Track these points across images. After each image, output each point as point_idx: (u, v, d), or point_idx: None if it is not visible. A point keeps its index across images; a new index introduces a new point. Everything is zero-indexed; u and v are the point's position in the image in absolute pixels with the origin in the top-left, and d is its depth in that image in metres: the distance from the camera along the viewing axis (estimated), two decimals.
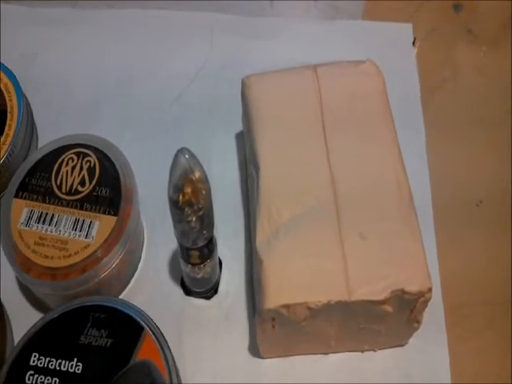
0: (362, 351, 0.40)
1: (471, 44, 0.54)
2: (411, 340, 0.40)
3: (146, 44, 0.53)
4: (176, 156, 0.32)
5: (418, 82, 0.51)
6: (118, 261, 0.40)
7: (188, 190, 0.32)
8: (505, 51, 0.54)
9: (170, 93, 0.51)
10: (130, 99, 0.50)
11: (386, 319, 0.36)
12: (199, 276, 0.39)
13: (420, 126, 0.49)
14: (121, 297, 0.42)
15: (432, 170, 0.47)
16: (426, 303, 0.35)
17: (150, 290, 0.43)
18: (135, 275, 0.43)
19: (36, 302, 0.42)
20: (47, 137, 0.44)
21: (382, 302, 0.34)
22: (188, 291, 0.42)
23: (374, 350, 0.40)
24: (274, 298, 0.34)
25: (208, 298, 0.42)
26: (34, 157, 0.42)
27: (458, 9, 0.56)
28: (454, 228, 0.45)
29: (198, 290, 0.42)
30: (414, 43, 0.53)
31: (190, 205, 0.33)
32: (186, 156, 0.32)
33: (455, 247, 0.44)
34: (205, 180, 0.33)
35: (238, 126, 0.47)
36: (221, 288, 0.43)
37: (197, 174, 0.32)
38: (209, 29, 0.54)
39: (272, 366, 0.40)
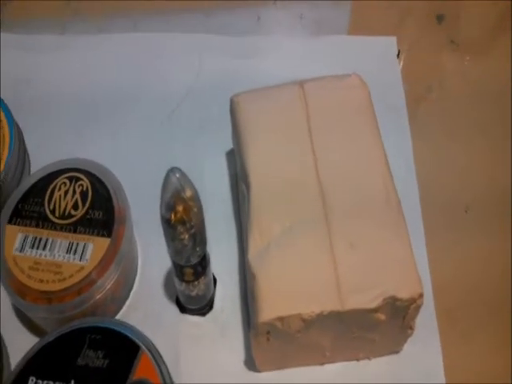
0: (358, 360, 0.40)
1: (455, 53, 0.55)
2: (405, 346, 0.40)
3: (136, 66, 0.54)
4: (167, 175, 0.32)
5: (403, 92, 0.52)
6: (112, 282, 0.40)
7: (180, 208, 0.33)
8: (488, 60, 0.55)
9: (161, 113, 0.51)
10: (121, 121, 0.51)
11: (380, 327, 0.36)
12: (194, 293, 0.40)
13: (407, 136, 0.49)
14: (117, 317, 0.43)
15: (420, 178, 0.47)
16: (417, 309, 0.35)
17: (146, 309, 0.43)
18: (130, 295, 0.44)
19: (32, 326, 0.42)
20: (40, 162, 0.45)
21: (375, 310, 0.34)
22: (183, 309, 0.43)
23: (369, 359, 0.40)
24: (268, 310, 0.35)
25: (203, 314, 0.42)
26: (27, 183, 0.43)
27: (441, 19, 0.57)
28: (444, 234, 0.45)
29: (193, 307, 0.42)
30: (398, 55, 0.54)
31: (183, 223, 0.33)
32: (177, 175, 0.32)
33: (446, 253, 0.44)
34: (196, 198, 0.33)
35: (229, 145, 0.48)
36: (216, 304, 0.43)
37: (188, 193, 0.33)
38: (197, 49, 0.55)
39: (268, 378, 0.40)
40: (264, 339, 0.36)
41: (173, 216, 0.33)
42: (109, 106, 0.52)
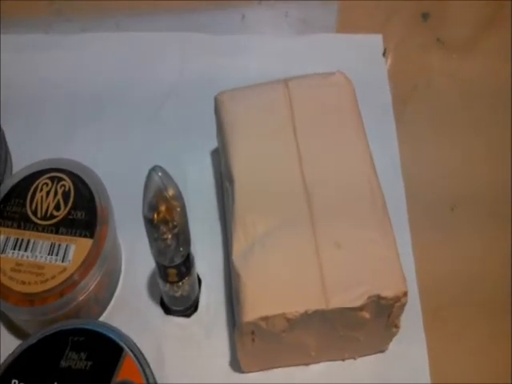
0: (343, 359, 0.40)
1: (441, 51, 0.55)
2: (391, 345, 0.40)
3: (120, 65, 0.54)
4: (149, 174, 0.32)
5: (389, 90, 0.52)
6: (95, 283, 0.40)
7: (162, 207, 0.33)
8: (474, 58, 0.55)
9: (145, 112, 0.51)
10: (104, 120, 0.51)
11: (365, 326, 0.36)
12: (178, 294, 0.39)
13: (393, 134, 0.49)
14: (101, 319, 0.42)
15: (406, 177, 0.47)
16: (402, 307, 0.35)
17: (130, 310, 0.42)
18: (114, 297, 0.43)
19: (14, 328, 0.42)
20: (21, 163, 0.44)
21: (359, 309, 0.34)
22: (168, 310, 0.42)
23: (355, 358, 0.40)
24: (253, 310, 0.34)
25: (188, 315, 0.42)
26: (8, 183, 0.42)
27: (427, 17, 0.57)
28: (429, 232, 0.45)
29: (177, 309, 0.41)
30: (384, 53, 0.54)
31: (165, 222, 0.33)
32: (159, 174, 0.32)
33: (432, 252, 0.44)
34: (179, 197, 0.33)
35: (213, 143, 0.47)
36: (200, 305, 0.42)
37: (170, 192, 0.32)
38: (181, 48, 0.54)
39: (253, 379, 0.40)
40: (249, 339, 0.36)
41: (155, 216, 0.33)
42: (92, 106, 0.51)
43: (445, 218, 0.46)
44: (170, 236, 0.34)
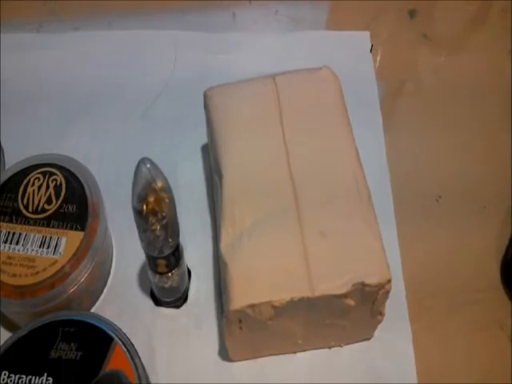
0: (330, 347, 0.41)
1: (428, 48, 0.56)
2: (376, 333, 0.40)
3: (112, 63, 0.54)
4: (138, 166, 0.32)
5: (376, 86, 0.52)
6: (86, 275, 0.40)
7: (151, 199, 0.33)
8: (461, 54, 0.56)
9: (137, 108, 0.52)
10: (96, 117, 0.51)
11: (350, 313, 0.36)
12: (167, 285, 0.40)
13: (379, 129, 0.50)
14: (92, 311, 0.43)
15: (392, 169, 0.48)
16: (386, 295, 0.36)
17: (121, 302, 0.43)
18: (105, 289, 0.44)
19: (4, 321, 0.42)
20: (14, 159, 0.44)
21: (344, 296, 0.35)
22: (158, 301, 0.43)
23: (341, 346, 0.41)
24: (240, 298, 0.35)
25: (178, 306, 0.43)
26: (0, 179, 0.43)
27: (414, 15, 0.58)
28: (415, 223, 0.46)
29: (167, 300, 0.42)
30: (371, 50, 0.55)
31: (154, 214, 0.34)
32: (148, 165, 0.32)
33: (417, 241, 0.45)
34: (168, 189, 0.33)
35: (204, 139, 0.48)
36: (190, 296, 0.43)
37: (159, 183, 0.33)
38: (173, 46, 0.55)
39: (242, 368, 0.40)
40: (236, 328, 0.36)
41: (144, 207, 0.33)
42: (85, 103, 0.52)
43: (430, 209, 0.47)
44: (158, 227, 0.35)
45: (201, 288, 0.43)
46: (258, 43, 0.55)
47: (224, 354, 0.40)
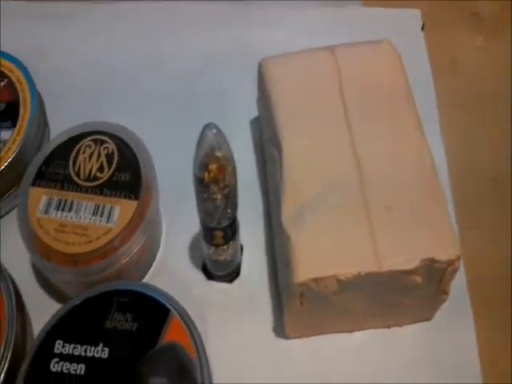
0: (389, 327, 0.40)
1: (477, 27, 0.55)
2: (437, 315, 0.39)
3: (157, 34, 0.54)
4: (203, 131, 0.31)
5: (429, 64, 0.51)
6: (139, 246, 0.39)
7: (214, 166, 0.32)
8: (508, 32, 0.54)
9: (182, 82, 0.51)
10: (141, 89, 0.50)
11: (415, 291, 0.35)
12: (222, 258, 0.39)
13: (434, 109, 0.49)
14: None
15: (448, 150, 0.47)
16: (454, 272, 0.35)
17: (170, 276, 0.42)
18: (154, 264, 0.43)
19: (54, 292, 0.42)
20: (58, 129, 0.43)
21: (412, 272, 0.34)
22: (210, 275, 0.42)
23: (400, 326, 0.40)
24: (304, 271, 0.34)
25: (230, 281, 0.42)
26: (50, 145, 0.42)
27: None
28: (471, 205, 0.44)
29: (220, 274, 0.41)
30: (422, 28, 0.53)
31: (216, 182, 0.33)
32: (214, 131, 0.31)
33: (473, 223, 0.44)
34: (231, 158, 0.33)
35: (252, 112, 0.47)
36: (242, 272, 0.42)
37: (223, 151, 0.32)
38: (216, 17, 0.54)
39: (297, 345, 0.39)
40: (297, 303, 0.35)
41: (206, 175, 0.32)
42: (130, 75, 0.51)
43: (486, 191, 0.46)
44: (219, 196, 0.34)
45: (253, 263, 0.42)
46: (302, 16, 0.54)
47: (278, 331, 0.40)
